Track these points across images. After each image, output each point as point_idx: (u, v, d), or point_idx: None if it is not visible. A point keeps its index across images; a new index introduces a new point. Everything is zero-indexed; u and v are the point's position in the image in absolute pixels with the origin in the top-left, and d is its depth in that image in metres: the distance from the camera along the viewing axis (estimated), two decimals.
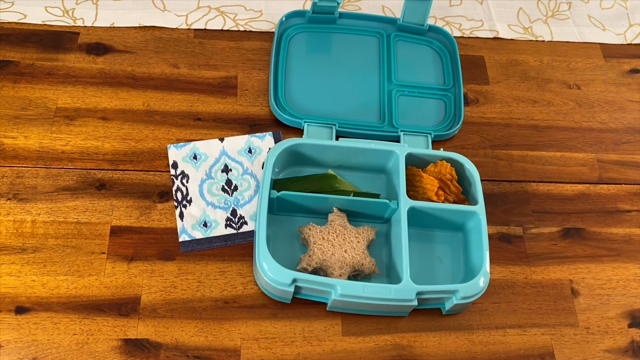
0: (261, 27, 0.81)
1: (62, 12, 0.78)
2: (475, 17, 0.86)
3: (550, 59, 0.84)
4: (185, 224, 0.65)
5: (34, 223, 0.63)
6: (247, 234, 0.65)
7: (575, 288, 0.66)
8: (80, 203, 0.65)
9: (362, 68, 0.78)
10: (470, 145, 0.75)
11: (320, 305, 0.61)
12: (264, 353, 0.59)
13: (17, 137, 0.68)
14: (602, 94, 0.82)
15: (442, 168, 0.66)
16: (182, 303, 0.60)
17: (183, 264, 0.63)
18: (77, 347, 0.57)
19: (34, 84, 0.72)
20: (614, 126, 0.79)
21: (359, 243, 0.62)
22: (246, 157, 0.70)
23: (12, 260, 0.61)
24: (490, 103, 0.79)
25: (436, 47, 0.81)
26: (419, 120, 0.74)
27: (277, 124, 0.72)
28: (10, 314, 0.58)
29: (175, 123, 0.71)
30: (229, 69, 0.76)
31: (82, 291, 0.60)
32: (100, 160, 0.67)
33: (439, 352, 0.61)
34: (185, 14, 0.80)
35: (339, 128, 0.71)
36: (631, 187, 0.74)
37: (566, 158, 0.75)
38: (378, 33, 0.80)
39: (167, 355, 0.58)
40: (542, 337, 0.63)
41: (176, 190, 0.67)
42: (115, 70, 0.74)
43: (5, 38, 0.75)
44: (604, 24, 0.89)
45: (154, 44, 0.77)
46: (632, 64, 0.85)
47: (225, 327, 0.60)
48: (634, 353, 0.63)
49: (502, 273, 0.66)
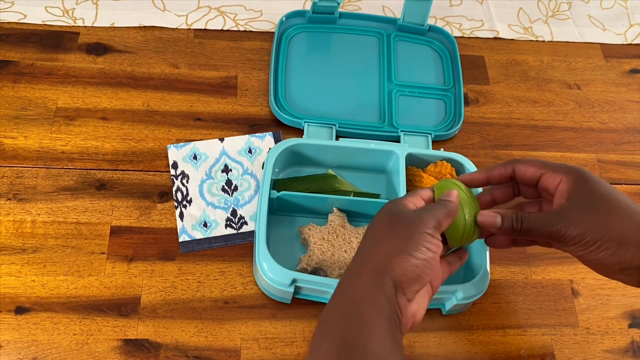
0: (261, 27, 0.81)
1: (62, 12, 0.78)
2: (475, 17, 0.86)
3: (550, 59, 0.84)
4: (185, 224, 0.65)
5: (34, 223, 0.63)
6: (247, 234, 0.65)
7: (575, 288, 0.66)
8: (80, 203, 0.65)
9: (362, 68, 0.78)
10: (470, 146, 0.75)
11: (320, 305, 0.61)
12: (264, 353, 0.59)
13: (17, 137, 0.68)
14: (602, 94, 0.82)
15: (442, 168, 0.66)
16: (182, 303, 0.60)
17: (183, 264, 0.63)
18: (77, 348, 0.57)
19: (34, 84, 0.72)
20: (614, 126, 0.79)
21: (359, 243, 0.62)
22: (246, 157, 0.70)
23: (12, 261, 0.61)
24: (490, 103, 0.79)
25: (436, 47, 0.81)
26: (419, 120, 0.74)
27: (277, 124, 0.72)
28: (10, 314, 0.58)
29: (175, 123, 0.71)
30: (229, 69, 0.76)
31: (82, 291, 0.60)
32: (100, 160, 0.67)
33: (439, 352, 0.61)
34: (185, 14, 0.80)
35: (339, 128, 0.71)
36: (631, 187, 0.74)
37: (566, 158, 0.75)
38: (378, 33, 0.80)
39: (167, 356, 0.58)
40: (542, 337, 0.63)
41: (176, 191, 0.67)
42: (115, 70, 0.74)
43: (5, 38, 0.75)
44: (604, 24, 0.89)
45: (154, 44, 0.77)
46: (632, 64, 0.85)
47: (225, 327, 0.60)
48: (634, 353, 0.63)
49: (502, 273, 0.66)
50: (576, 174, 0.49)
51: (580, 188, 0.48)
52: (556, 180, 0.50)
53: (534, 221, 0.49)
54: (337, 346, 0.42)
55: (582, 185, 0.48)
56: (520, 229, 0.49)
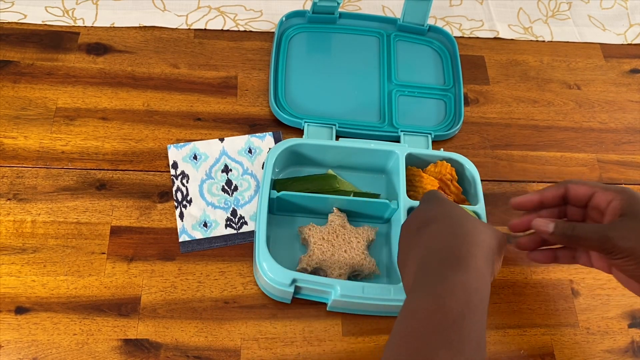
0: (261, 27, 0.81)
1: (62, 12, 0.78)
2: (475, 17, 0.86)
3: (550, 59, 0.84)
4: (185, 224, 0.65)
5: (34, 223, 0.63)
6: (247, 234, 0.65)
7: (575, 288, 0.66)
8: (80, 203, 0.65)
9: (362, 68, 0.78)
10: (470, 145, 0.75)
11: (320, 305, 0.61)
12: (264, 353, 0.59)
13: (17, 137, 0.68)
14: (602, 94, 0.82)
15: (442, 168, 0.66)
16: (182, 303, 0.60)
17: (183, 264, 0.63)
18: (77, 347, 0.57)
19: (34, 84, 0.72)
20: (614, 126, 0.79)
21: (359, 243, 0.62)
22: (246, 157, 0.70)
23: (12, 261, 0.61)
24: (490, 103, 0.79)
25: (436, 47, 0.81)
26: (419, 120, 0.74)
27: (277, 124, 0.72)
28: (10, 314, 0.58)
29: (175, 123, 0.71)
30: (229, 69, 0.76)
31: (82, 291, 0.60)
32: (100, 160, 0.67)
33: None
34: (185, 14, 0.80)
35: (339, 128, 0.71)
36: (631, 187, 0.74)
37: (566, 158, 0.75)
38: (378, 33, 0.80)
39: (167, 356, 0.58)
40: (542, 337, 0.63)
41: (176, 191, 0.67)
42: (115, 70, 0.74)
43: (5, 38, 0.75)
44: (604, 24, 0.89)
45: (154, 44, 0.77)
46: (632, 64, 0.85)
47: (225, 327, 0.60)
48: (634, 353, 0.63)
49: (502, 273, 0.66)
50: (629, 193, 0.51)
51: (634, 206, 0.50)
52: (608, 198, 0.52)
53: (586, 230, 0.50)
54: None
55: (635, 203, 0.50)
56: (571, 235, 0.50)
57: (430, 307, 0.42)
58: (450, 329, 0.40)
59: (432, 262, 0.46)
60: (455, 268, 0.44)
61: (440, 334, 0.39)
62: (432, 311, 0.41)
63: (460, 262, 0.45)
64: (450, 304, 0.41)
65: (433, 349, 0.39)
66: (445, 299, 0.41)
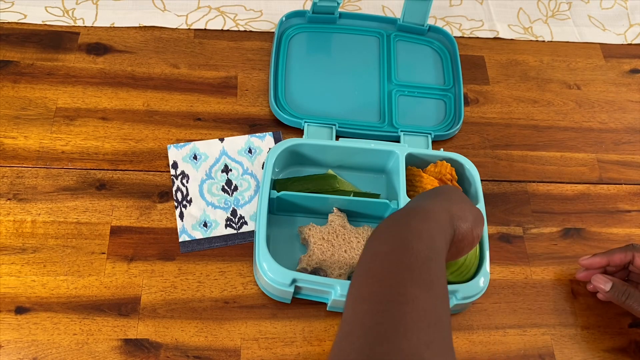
0: (261, 27, 0.81)
1: (62, 12, 0.78)
2: (475, 17, 0.86)
3: (550, 59, 0.84)
4: (185, 224, 0.65)
5: (34, 223, 0.63)
6: (247, 234, 0.65)
7: (575, 288, 0.66)
8: (80, 203, 0.65)
9: (362, 68, 0.78)
10: (470, 145, 0.75)
11: (320, 305, 0.61)
12: (264, 353, 0.59)
13: (17, 137, 0.68)
14: (602, 94, 0.82)
15: (442, 168, 0.66)
16: (182, 303, 0.60)
17: (183, 264, 0.63)
18: (77, 347, 0.57)
19: (34, 84, 0.72)
20: (614, 126, 0.79)
21: (359, 243, 0.62)
22: (246, 157, 0.70)
23: (12, 260, 0.61)
24: (490, 103, 0.79)
25: (436, 47, 0.81)
26: (419, 120, 0.74)
27: (277, 124, 0.72)
28: (10, 314, 0.58)
29: (175, 123, 0.71)
30: (229, 69, 0.76)
31: (82, 291, 0.60)
32: (100, 160, 0.67)
33: None
34: (185, 14, 0.80)
35: (339, 128, 0.71)
36: (631, 187, 0.74)
37: (566, 158, 0.75)
38: (378, 33, 0.80)
39: (167, 355, 0.58)
40: (542, 337, 0.63)
41: (176, 191, 0.67)
42: (115, 70, 0.74)
43: (5, 38, 0.75)
44: (604, 24, 0.89)
45: (154, 44, 0.77)
46: (632, 64, 0.85)
47: (225, 327, 0.60)
48: (634, 353, 0.63)
49: (502, 273, 0.66)
50: None
51: None
52: None
53: (638, 300, 0.58)
54: None
55: None
56: (624, 302, 0.59)
57: (398, 249, 0.43)
58: (421, 268, 0.41)
59: (396, 215, 0.48)
60: (418, 218, 0.46)
61: (412, 272, 0.41)
62: (400, 252, 0.43)
63: (427, 214, 0.47)
64: (418, 247, 0.42)
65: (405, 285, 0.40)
66: (412, 243, 0.43)
